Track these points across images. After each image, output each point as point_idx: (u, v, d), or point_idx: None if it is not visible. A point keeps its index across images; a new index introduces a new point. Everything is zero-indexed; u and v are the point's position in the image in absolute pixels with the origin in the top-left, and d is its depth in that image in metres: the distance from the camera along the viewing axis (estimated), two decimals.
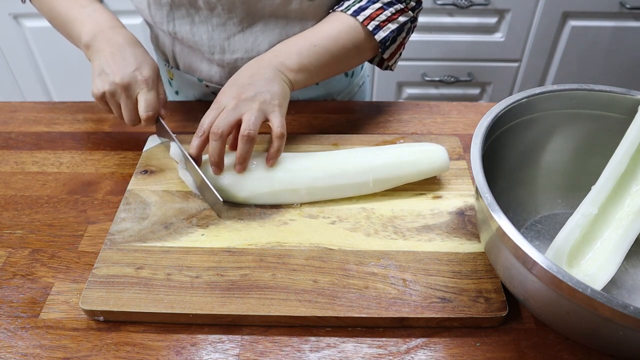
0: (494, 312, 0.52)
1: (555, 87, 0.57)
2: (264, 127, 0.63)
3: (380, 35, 0.71)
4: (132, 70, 0.64)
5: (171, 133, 0.66)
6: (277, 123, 0.62)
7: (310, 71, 0.69)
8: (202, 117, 0.63)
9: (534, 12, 1.48)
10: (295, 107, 0.83)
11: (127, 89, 0.64)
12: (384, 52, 0.74)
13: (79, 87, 1.68)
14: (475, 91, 1.70)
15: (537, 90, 0.57)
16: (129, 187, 0.66)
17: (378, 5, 0.70)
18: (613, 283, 0.54)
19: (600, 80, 1.62)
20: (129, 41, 0.67)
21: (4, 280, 0.58)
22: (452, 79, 1.64)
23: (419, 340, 0.51)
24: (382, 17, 0.70)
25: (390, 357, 0.50)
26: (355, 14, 0.70)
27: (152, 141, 0.73)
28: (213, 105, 0.63)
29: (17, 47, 1.59)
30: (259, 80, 0.64)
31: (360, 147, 0.67)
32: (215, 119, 0.61)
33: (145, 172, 0.69)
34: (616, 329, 0.40)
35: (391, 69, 0.79)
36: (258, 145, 0.71)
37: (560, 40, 1.55)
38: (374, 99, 1.70)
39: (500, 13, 1.50)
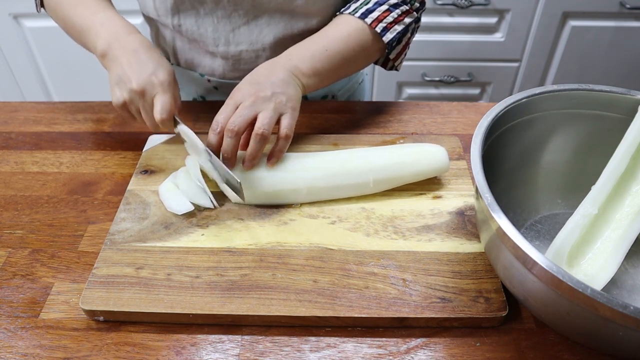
0: (494, 312, 0.52)
1: (555, 87, 0.57)
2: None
3: (388, 36, 0.71)
4: (148, 74, 0.63)
5: (187, 132, 0.65)
6: (286, 124, 0.63)
7: (322, 75, 0.70)
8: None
9: (534, 12, 1.48)
10: None
11: (144, 93, 0.63)
12: (390, 53, 0.75)
13: (79, 87, 1.68)
14: (475, 91, 1.70)
15: (537, 90, 0.57)
16: (129, 187, 0.66)
17: (385, 7, 0.71)
18: (613, 283, 0.54)
19: (600, 80, 1.62)
20: (144, 46, 0.66)
21: (4, 280, 0.58)
22: (452, 79, 1.64)
23: (419, 340, 0.51)
24: (389, 19, 0.71)
25: (390, 357, 0.50)
26: (363, 16, 0.70)
27: (152, 141, 0.73)
28: (228, 102, 0.63)
29: (17, 47, 1.59)
30: (275, 80, 0.64)
31: (361, 147, 0.67)
32: (230, 115, 0.62)
33: (145, 172, 0.69)
34: (616, 329, 0.40)
35: (396, 69, 0.80)
36: None
37: (560, 40, 1.55)
38: (374, 99, 1.70)
39: (500, 13, 1.50)
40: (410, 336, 0.52)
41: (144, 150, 0.72)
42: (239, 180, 0.58)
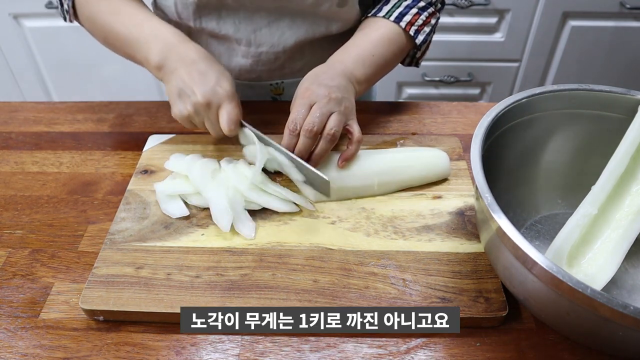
0: (494, 312, 0.52)
1: (555, 87, 0.57)
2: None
3: (420, 38, 0.74)
4: (211, 86, 0.62)
5: (256, 134, 0.64)
6: (358, 129, 0.65)
7: (370, 81, 0.71)
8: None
9: (534, 12, 1.48)
10: None
11: (210, 105, 0.62)
12: (417, 53, 0.78)
13: (79, 87, 1.68)
14: (475, 91, 1.70)
15: (537, 90, 0.57)
16: (129, 187, 0.66)
17: (415, 10, 0.73)
18: (613, 283, 0.54)
19: (600, 80, 1.62)
20: (202, 55, 0.65)
21: (4, 280, 0.58)
22: (452, 79, 1.64)
23: (419, 340, 0.51)
24: (419, 21, 0.73)
25: (390, 357, 0.50)
26: (398, 20, 0.72)
27: (152, 141, 0.73)
28: (300, 101, 0.63)
29: (17, 47, 1.59)
30: (339, 85, 0.65)
31: (366, 150, 0.67)
32: (306, 115, 0.62)
33: (145, 172, 0.69)
34: (616, 329, 0.40)
35: (417, 66, 0.82)
36: None
37: (560, 40, 1.55)
38: (374, 99, 1.70)
39: (500, 13, 1.50)
40: (410, 336, 0.52)
41: (144, 150, 0.72)
42: (327, 179, 0.60)
